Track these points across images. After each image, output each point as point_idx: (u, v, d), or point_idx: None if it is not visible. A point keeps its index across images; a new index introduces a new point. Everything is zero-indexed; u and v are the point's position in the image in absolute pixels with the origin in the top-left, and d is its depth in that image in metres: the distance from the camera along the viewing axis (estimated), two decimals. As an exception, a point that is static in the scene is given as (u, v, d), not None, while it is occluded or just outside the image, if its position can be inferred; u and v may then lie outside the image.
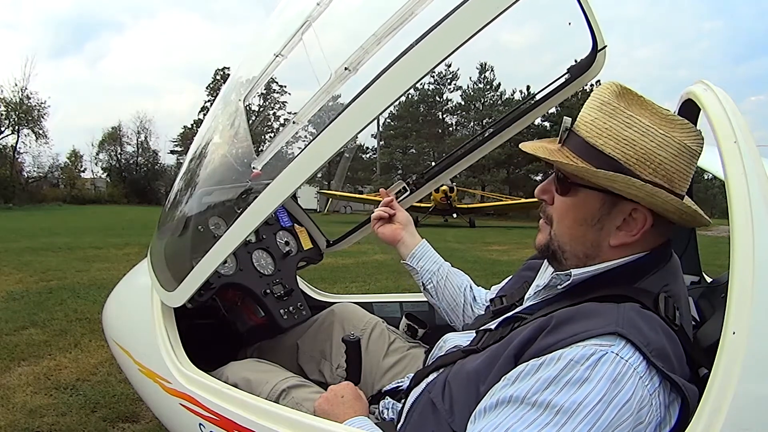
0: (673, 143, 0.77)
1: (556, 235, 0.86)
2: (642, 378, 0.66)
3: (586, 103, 0.84)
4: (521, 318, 0.87)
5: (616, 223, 0.81)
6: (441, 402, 0.84)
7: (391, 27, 1.12)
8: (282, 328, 1.45)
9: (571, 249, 0.85)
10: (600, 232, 0.82)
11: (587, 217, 0.82)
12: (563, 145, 0.84)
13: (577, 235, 0.84)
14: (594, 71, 1.26)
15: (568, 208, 0.84)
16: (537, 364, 0.70)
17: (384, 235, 1.37)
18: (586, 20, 1.16)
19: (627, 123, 0.78)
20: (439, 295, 1.34)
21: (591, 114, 0.82)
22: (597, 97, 0.82)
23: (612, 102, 0.80)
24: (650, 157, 0.77)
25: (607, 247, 0.82)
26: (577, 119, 0.84)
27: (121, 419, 2.19)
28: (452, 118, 37.94)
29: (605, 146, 0.79)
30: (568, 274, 0.83)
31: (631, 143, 0.77)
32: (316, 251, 1.71)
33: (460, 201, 20.79)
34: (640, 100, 0.81)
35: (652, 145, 0.77)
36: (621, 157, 0.78)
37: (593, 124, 0.81)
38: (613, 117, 0.79)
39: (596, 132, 0.80)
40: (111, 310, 1.66)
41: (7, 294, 4.43)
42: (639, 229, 0.80)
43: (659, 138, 0.77)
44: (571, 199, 0.83)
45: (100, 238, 9.26)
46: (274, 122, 36.61)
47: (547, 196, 0.88)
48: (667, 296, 0.78)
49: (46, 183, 31.47)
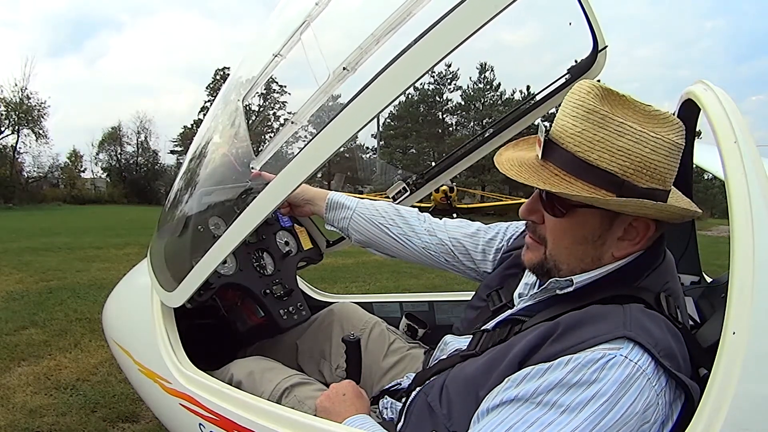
0: (664, 144, 0.74)
1: (552, 255, 0.82)
2: (650, 379, 0.66)
3: (566, 110, 0.77)
4: (520, 321, 0.86)
5: (617, 235, 0.79)
6: (438, 406, 0.84)
7: (389, 27, 1.12)
8: (282, 328, 1.45)
9: (569, 266, 0.82)
10: (602, 247, 0.80)
11: (587, 235, 0.79)
12: (545, 159, 0.78)
13: (576, 253, 0.81)
14: (594, 71, 1.26)
15: (566, 229, 0.80)
16: (544, 368, 0.69)
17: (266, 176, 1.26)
18: (587, 20, 1.16)
19: (618, 131, 0.73)
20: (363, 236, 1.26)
21: (576, 124, 0.75)
22: (579, 103, 0.75)
23: (599, 109, 0.74)
24: (646, 164, 0.74)
25: (609, 257, 0.80)
26: (556, 128, 0.77)
27: (121, 419, 2.19)
28: (452, 118, 37.87)
29: (600, 160, 0.73)
30: (569, 280, 0.81)
31: (626, 153, 0.73)
32: (316, 251, 1.71)
33: (460, 201, 20.78)
34: (623, 99, 0.77)
35: (645, 151, 0.73)
36: (618, 170, 0.73)
37: (582, 136, 0.74)
38: (603, 126, 0.73)
39: (587, 145, 0.74)
40: (111, 310, 1.66)
41: (7, 294, 4.42)
42: (642, 236, 0.79)
43: (652, 142, 0.73)
44: (568, 219, 0.79)
45: (100, 238, 9.25)
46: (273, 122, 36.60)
47: (536, 216, 0.83)
48: (668, 295, 0.78)
49: (46, 183, 31.42)
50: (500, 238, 1.18)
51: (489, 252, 1.18)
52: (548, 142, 0.77)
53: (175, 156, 38.52)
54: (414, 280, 5.85)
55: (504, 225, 1.20)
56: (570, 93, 0.79)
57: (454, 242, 1.20)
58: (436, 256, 1.22)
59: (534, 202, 0.83)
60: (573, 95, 0.78)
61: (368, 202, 1.29)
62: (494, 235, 1.19)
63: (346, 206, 1.28)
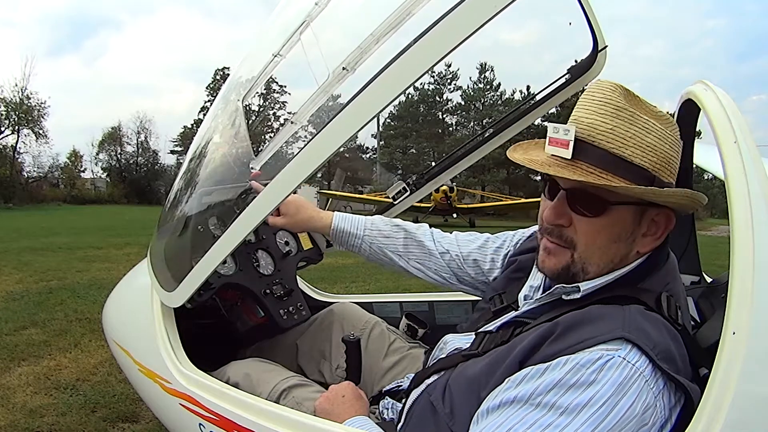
0: (676, 142, 0.79)
1: (582, 257, 0.81)
2: (648, 381, 0.66)
3: (591, 108, 0.77)
4: (523, 323, 0.87)
5: (642, 231, 0.80)
6: (441, 405, 0.84)
7: (389, 27, 1.12)
8: (282, 328, 1.45)
9: (598, 267, 0.81)
10: (632, 244, 0.81)
11: (621, 233, 0.79)
12: (575, 158, 0.77)
13: (609, 252, 0.80)
14: (594, 71, 1.26)
15: (600, 228, 0.79)
16: (543, 368, 0.70)
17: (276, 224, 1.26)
18: (587, 20, 1.16)
19: (646, 128, 0.76)
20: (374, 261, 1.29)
21: (607, 121, 0.75)
22: (606, 101, 0.76)
23: (627, 106, 0.76)
24: (669, 160, 0.78)
25: (635, 255, 0.81)
26: (584, 126, 0.77)
27: (121, 419, 2.19)
28: (452, 118, 37.88)
29: (634, 156, 0.75)
30: (576, 287, 0.81)
31: (654, 149, 0.76)
32: (316, 251, 1.71)
33: (460, 201, 20.79)
34: (639, 99, 0.80)
35: (666, 148, 0.77)
36: (649, 165, 0.76)
37: (614, 133, 0.75)
38: (633, 123, 0.75)
39: (621, 141, 0.75)
40: (111, 310, 1.66)
41: (7, 294, 4.42)
42: (663, 229, 0.81)
43: (670, 139, 0.77)
44: (604, 218, 0.78)
45: (100, 238, 9.25)
46: (273, 122, 36.60)
47: (564, 219, 0.81)
48: (669, 295, 0.78)
49: (46, 183, 31.39)
50: (507, 244, 1.20)
51: (497, 260, 1.19)
52: (578, 140, 0.76)
53: (175, 156, 38.60)
54: (414, 281, 5.79)
55: (511, 233, 1.22)
56: (590, 92, 0.79)
57: (465, 257, 1.22)
58: (448, 277, 1.25)
59: (561, 205, 0.80)
60: (595, 93, 0.78)
61: (377, 224, 1.27)
62: (501, 243, 1.21)
63: (353, 234, 1.27)
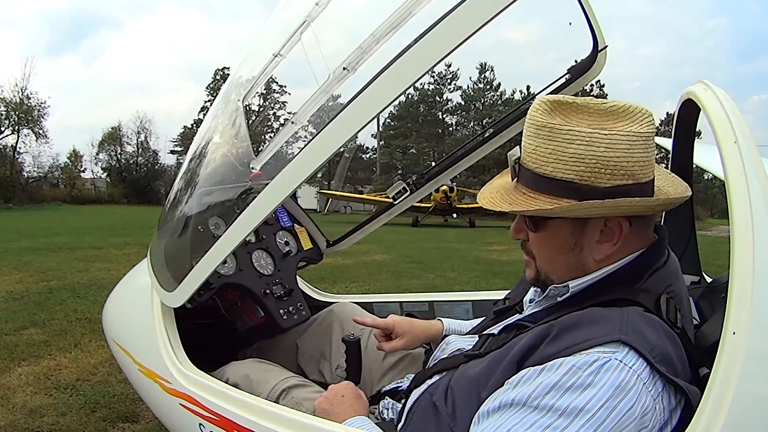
0: (620, 138, 0.74)
1: (543, 268, 0.87)
2: (646, 384, 0.66)
3: (526, 130, 0.82)
4: (524, 326, 0.87)
5: (594, 239, 0.81)
6: (443, 405, 0.84)
7: (389, 27, 1.12)
8: (282, 328, 1.45)
9: (559, 276, 0.86)
10: (581, 253, 0.82)
11: (562, 245, 0.83)
12: (518, 181, 0.84)
13: (559, 263, 0.85)
14: (595, 71, 1.26)
15: (542, 241, 0.85)
16: (539, 369, 0.70)
17: (396, 348, 1.22)
18: (587, 20, 1.16)
19: (567, 139, 0.76)
20: None
21: (530, 143, 0.80)
22: (530, 122, 0.80)
23: (546, 123, 0.77)
24: (603, 163, 0.74)
25: (593, 262, 0.82)
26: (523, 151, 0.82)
27: (121, 419, 2.19)
28: (452, 118, 37.86)
29: (555, 171, 0.77)
30: (565, 286, 0.84)
31: (579, 158, 0.75)
32: (316, 251, 1.71)
33: (460, 201, 20.74)
34: (575, 105, 0.79)
35: (599, 151, 0.74)
36: (575, 176, 0.76)
37: (536, 153, 0.79)
38: (552, 139, 0.77)
39: (542, 160, 0.78)
40: (111, 310, 1.66)
41: (7, 294, 4.42)
42: (618, 236, 0.80)
43: (605, 140, 0.74)
44: (543, 233, 0.84)
45: (100, 238, 9.25)
46: (274, 122, 36.61)
47: (522, 235, 0.88)
48: (669, 297, 0.78)
49: (46, 183, 31.37)
50: None
51: None
52: (517, 164, 0.83)
53: (175, 156, 38.54)
54: (414, 281, 5.85)
55: None
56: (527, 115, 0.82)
57: None
58: None
59: (519, 222, 0.88)
60: (528, 116, 0.81)
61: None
62: None
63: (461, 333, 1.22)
